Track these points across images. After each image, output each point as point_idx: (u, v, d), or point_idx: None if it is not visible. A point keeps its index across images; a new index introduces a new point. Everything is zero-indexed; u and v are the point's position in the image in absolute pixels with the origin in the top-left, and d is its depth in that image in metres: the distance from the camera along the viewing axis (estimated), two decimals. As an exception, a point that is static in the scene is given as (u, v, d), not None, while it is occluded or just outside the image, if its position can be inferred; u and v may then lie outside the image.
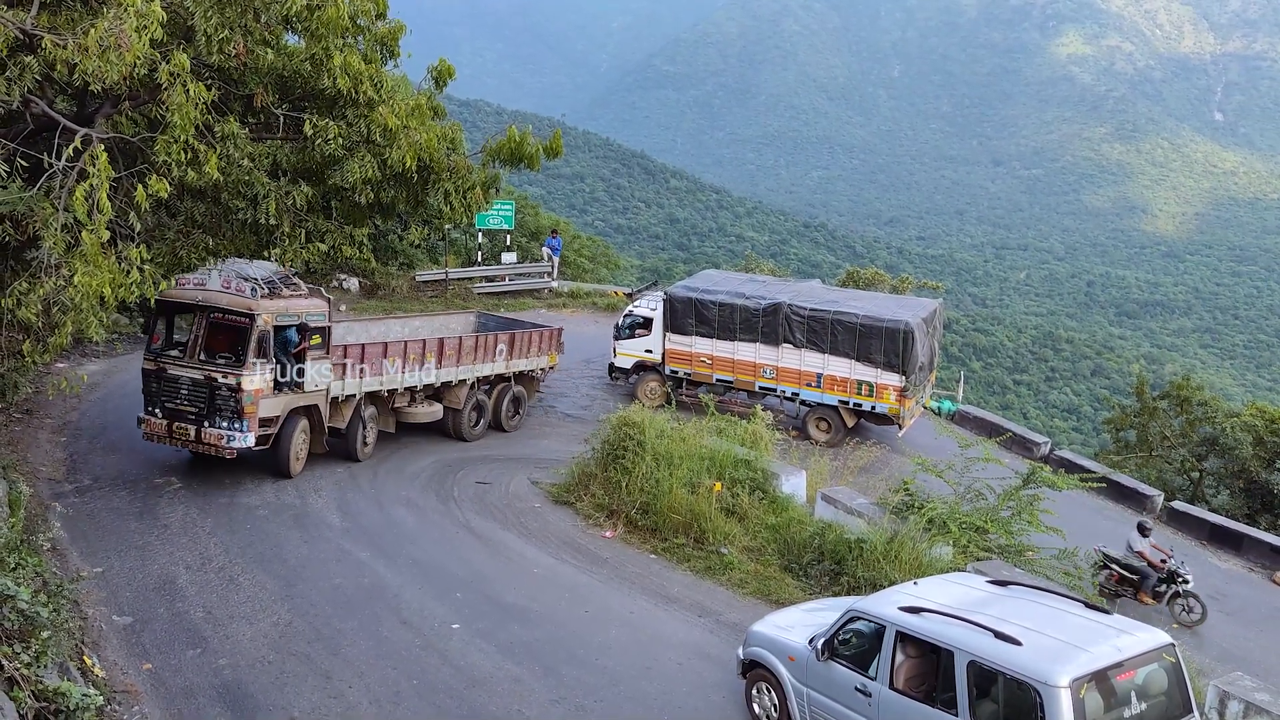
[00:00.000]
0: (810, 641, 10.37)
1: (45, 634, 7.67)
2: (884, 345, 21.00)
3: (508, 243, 34.97)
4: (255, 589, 13.39)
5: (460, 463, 19.18)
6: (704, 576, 14.90)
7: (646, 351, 23.57)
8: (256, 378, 15.89)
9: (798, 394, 22.05)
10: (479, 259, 34.53)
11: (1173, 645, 9.01)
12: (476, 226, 33.11)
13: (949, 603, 9.58)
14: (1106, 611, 9.51)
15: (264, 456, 16.98)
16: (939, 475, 15.89)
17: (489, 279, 33.88)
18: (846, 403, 21.67)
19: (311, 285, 17.91)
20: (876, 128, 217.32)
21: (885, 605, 9.87)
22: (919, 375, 21.61)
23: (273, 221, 14.62)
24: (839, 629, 10.10)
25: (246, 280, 16.22)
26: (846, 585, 14.02)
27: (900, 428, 21.92)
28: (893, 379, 21.12)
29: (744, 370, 22.40)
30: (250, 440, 16.03)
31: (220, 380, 15.82)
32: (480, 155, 16.26)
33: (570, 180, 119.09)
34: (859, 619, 9.96)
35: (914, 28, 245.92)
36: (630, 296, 25.34)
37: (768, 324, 21.92)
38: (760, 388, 22.38)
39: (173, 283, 15.30)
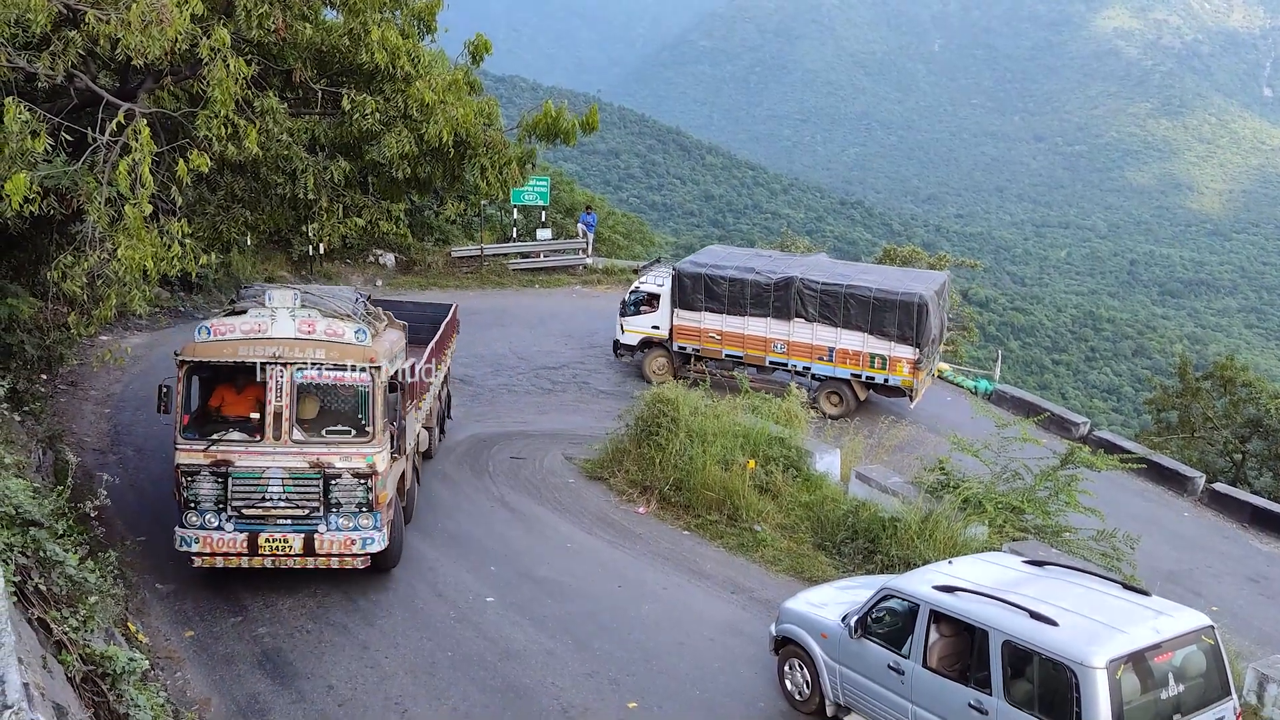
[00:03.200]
0: (843, 619, 10.37)
1: (92, 599, 7.84)
2: (898, 318, 20.96)
3: (543, 219, 34.99)
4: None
5: (495, 438, 19.30)
6: (736, 553, 14.93)
7: (653, 328, 23.29)
8: (386, 452, 12.20)
9: (809, 368, 21.95)
10: (514, 235, 34.60)
11: (1212, 627, 8.91)
12: (512, 203, 33.14)
13: (984, 582, 9.53)
14: (1145, 593, 9.41)
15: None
16: (975, 455, 15.77)
17: (524, 255, 33.95)
18: (859, 376, 21.61)
19: (379, 305, 15.53)
20: (915, 103, 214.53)
21: (919, 584, 9.83)
22: (931, 347, 21.59)
23: (311, 196, 14.71)
24: (872, 607, 10.08)
25: (338, 316, 12.44)
26: (880, 564, 13.98)
27: (912, 400, 21.88)
28: (906, 351, 21.08)
29: (754, 345, 22.27)
30: (385, 538, 12.32)
31: (340, 464, 11.90)
32: (516, 130, 16.27)
33: (605, 156, 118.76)
34: (893, 597, 9.94)
35: (955, 1, 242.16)
36: (636, 273, 24.93)
37: (779, 298, 21.80)
38: (770, 362, 22.28)
39: (204, 334, 11.98)
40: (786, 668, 11.07)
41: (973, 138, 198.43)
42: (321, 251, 30.10)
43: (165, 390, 12.26)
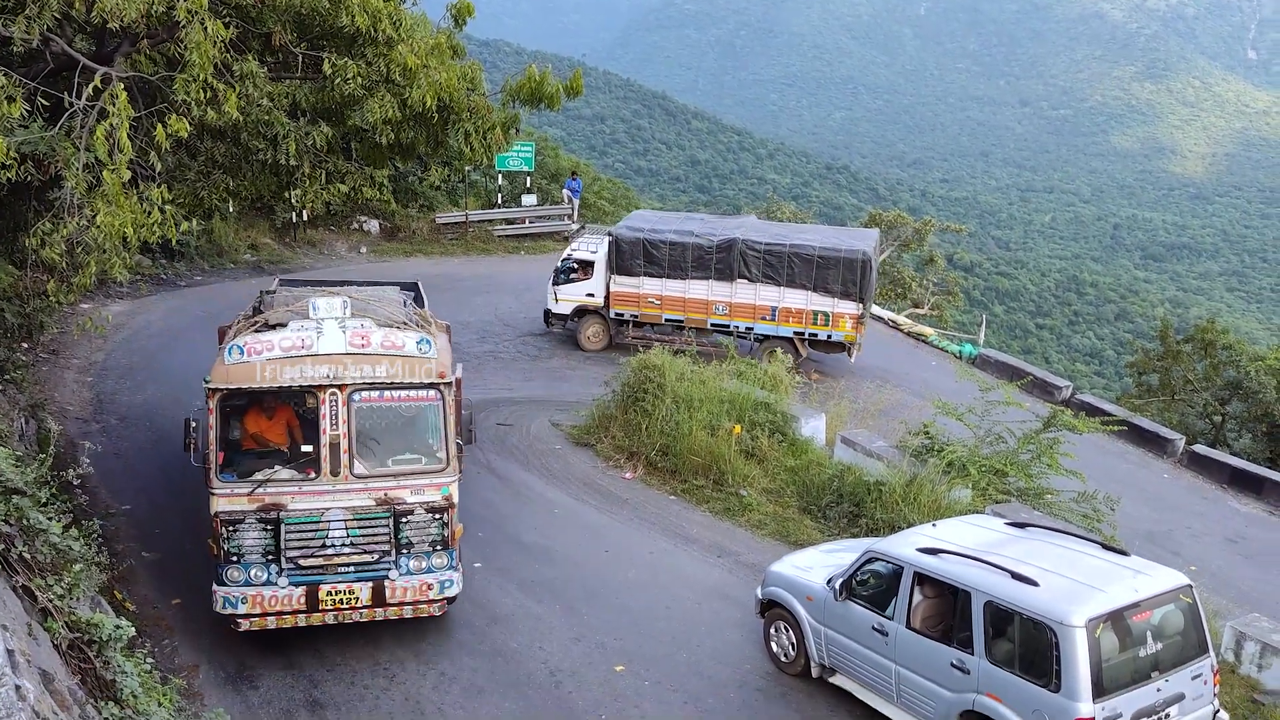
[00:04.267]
0: (828, 582, 10.47)
1: (77, 567, 7.83)
2: (842, 275, 21.19)
3: (528, 185, 34.81)
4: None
5: (481, 404, 19.29)
6: (723, 517, 15.01)
7: (588, 295, 22.88)
8: (459, 480, 10.70)
9: (751, 328, 21.99)
10: (499, 201, 34.41)
11: (1190, 586, 9.04)
12: (497, 168, 32.96)
13: (967, 544, 9.63)
14: (1124, 553, 9.53)
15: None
16: (959, 418, 15.87)
17: (509, 221, 33.79)
18: (801, 334, 21.75)
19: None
20: (901, 68, 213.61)
21: (903, 546, 9.92)
22: (869, 302, 21.86)
23: (293, 162, 14.55)
24: (857, 569, 10.18)
25: (394, 324, 10.86)
26: (865, 527, 14.10)
27: (850, 355, 22.08)
28: (850, 307, 21.33)
29: (695, 309, 22.21)
30: (462, 579, 10.90)
31: (412, 498, 10.33)
32: (500, 95, 16.11)
33: (590, 122, 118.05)
34: (877, 560, 10.03)
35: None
36: (567, 240, 24.59)
37: (721, 260, 21.76)
38: (712, 325, 22.22)
39: (236, 354, 10.03)
40: (772, 630, 11.18)
41: (958, 102, 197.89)
42: (305, 218, 29.91)
43: (194, 426, 10.31)
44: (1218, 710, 9.19)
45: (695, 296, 22.11)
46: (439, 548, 10.44)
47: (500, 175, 34.26)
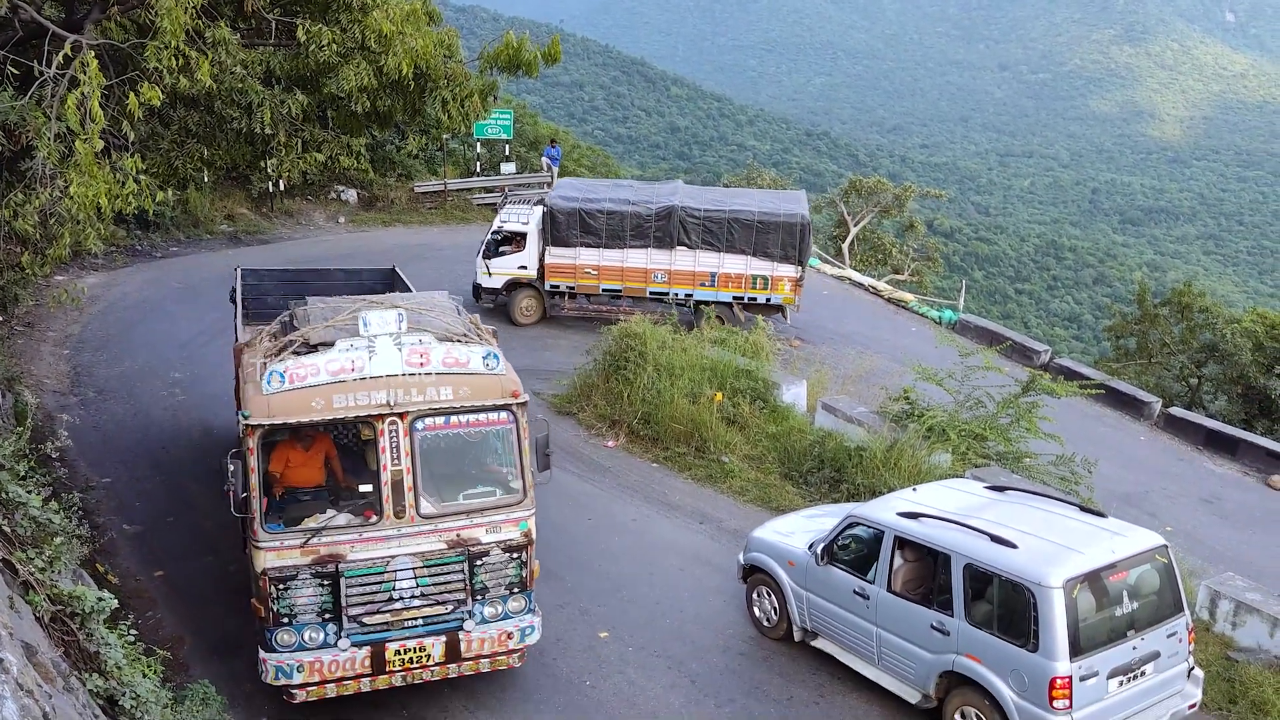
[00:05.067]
0: (810, 547, 10.55)
1: (58, 540, 7.80)
2: (781, 238, 21.21)
3: (506, 153, 34.56)
4: (263, 498, 13.57)
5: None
6: (705, 484, 15.08)
7: (520, 268, 22.17)
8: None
9: (691, 295, 21.82)
10: (478, 169, 34.18)
11: (1165, 547, 9.17)
12: (475, 136, 32.70)
13: (947, 508, 9.72)
14: (1101, 514, 9.65)
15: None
16: (939, 384, 15.96)
17: (488, 190, 33.56)
18: (740, 298, 21.72)
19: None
20: (881, 32, 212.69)
21: (884, 511, 10.01)
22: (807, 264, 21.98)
23: (268, 131, 14.41)
24: (838, 534, 10.26)
25: (453, 338, 9.54)
26: (846, 492, 14.19)
27: (786, 317, 22.21)
28: (789, 270, 21.40)
29: (634, 278, 21.93)
30: (541, 623, 9.73)
31: (488, 537, 9.12)
32: (477, 62, 15.96)
33: (569, 89, 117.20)
34: (858, 524, 10.12)
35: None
36: (496, 210, 23.39)
37: (660, 228, 21.54)
38: (651, 293, 21.95)
39: (277, 381, 8.61)
40: (755, 595, 11.27)
41: (938, 67, 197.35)
42: (281, 188, 29.64)
43: (232, 470, 8.56)
44: (1192, 667, 9.36)
45: (634, 265, 21.81)
46: (516, 590, 9.27)
47: (479, 143, 34.00)
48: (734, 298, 21.72)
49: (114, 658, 6.86)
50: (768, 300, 21.70)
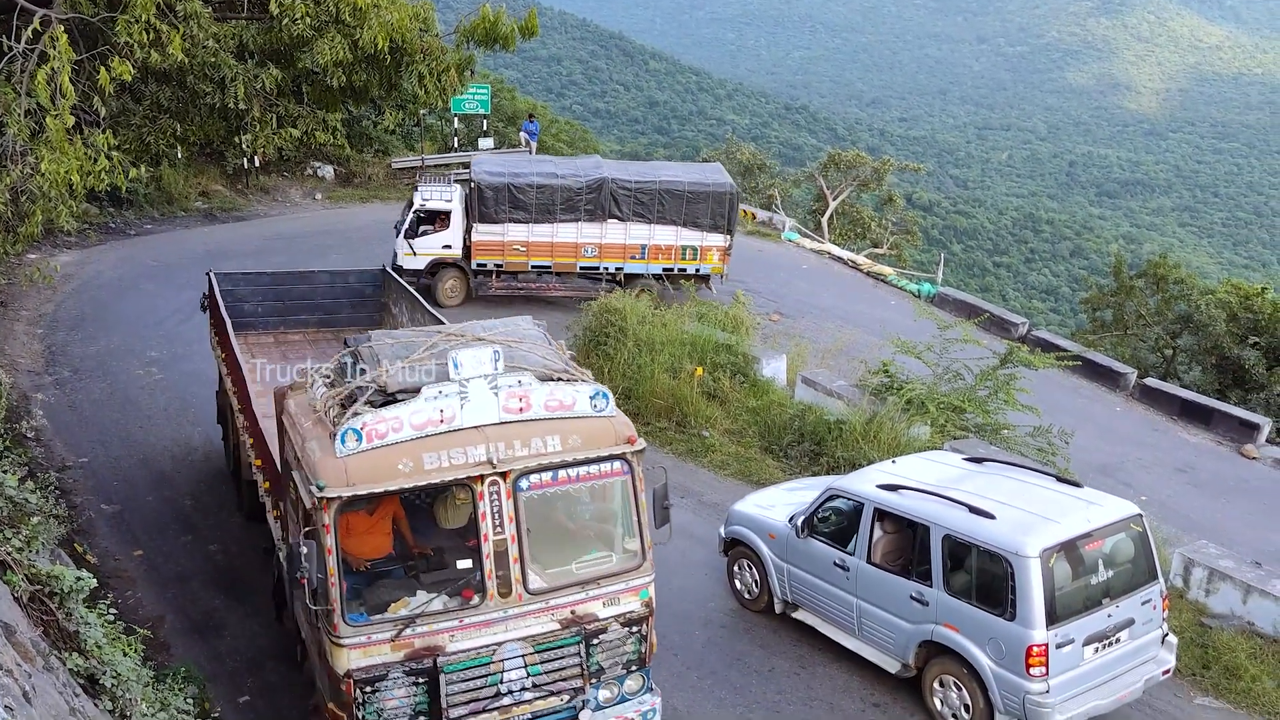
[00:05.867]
0: (790, 520, 10.61)
1: (35, 520, 7.76)
2: (711, 208, 21.18)
3: (484, 128, 34.31)
4: (242, 476, 13.53)
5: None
6: (686, 459, 15.13)
7: (444, 248, 21.18)
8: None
9: (621, 268, 21.60)
10: (455, 145, 33.92)
11: (1140, 515, 9.28)
12: (452, 111, 32.44)
13: (926, 480, 9.80)
14: (1077, 484, 9.75)
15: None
16: (918, 357, 16.04)
17: (466, 165, 33.30)
18: (670, 269, 21.64)
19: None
20: (859, 5, 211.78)
21: (864, 483, 10.08)
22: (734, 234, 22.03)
23: (242, 106, 14.27)
24: (818, 507, 10.33)
25: (552, 376, 7.80)
26: (826, 465, 14.27)
27: (712, 289, 22.07)
28: (718, 240, 21.41)
29: (564, 253, 21.49)
30: (660, 702, 8.25)
31: (605, 612, 7.73)
32: (454, 36, 15.83)
33: (547, 63, 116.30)
34: (838, 497, 10.18)
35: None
36: (415, 189, 22.16)
37: (591, 201, 21.15)
38: (581, 268, 21.62)
39: (353, 441, 7.02)
40: (736, 568, 11.34)
41: (916, 40, 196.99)
42: (257, 164, 29.35)
43: (305, 553, 6.92)
44: (1166, 634, 9.50)
45: (564, 240, 21.33)
46: (634, 668, 7.92)
47: (456, 119, 33.73)
48: (663, 269, 21.60)
49: (94, 637, 6.83)
50: (697, 271, 21.66)
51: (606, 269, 21.57)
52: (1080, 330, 31.05)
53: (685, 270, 21.64)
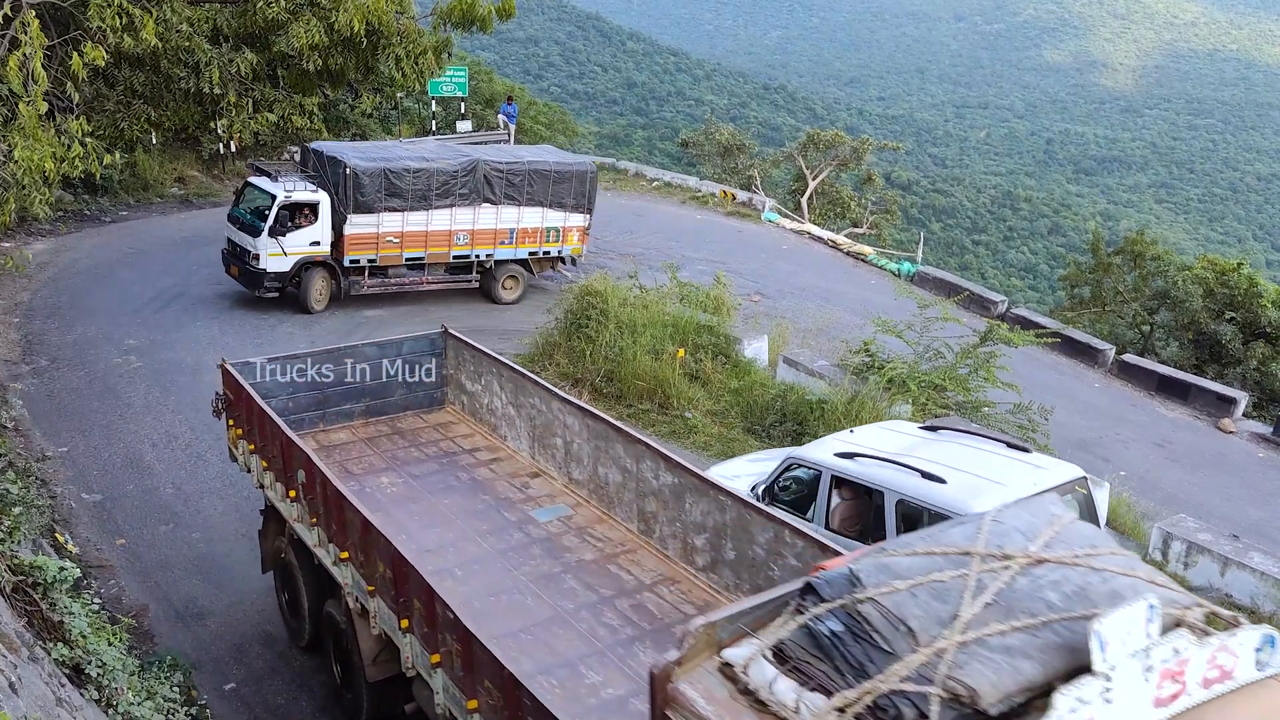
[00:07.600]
0: (752, 489, 10.69)
1: (16, 510, 7.72)
2: (574, 189, 21.20)
3: (462, 111, 34.13)
4: (224, 465, 13.43)
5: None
6: (668, 440, 15.15)
7: (313, 244, 19.05)
8: None
9: (492, 254, 21.08)
10: (433, 128, 33.71)
11: (1085, 478, 9.52)
12: (430, 94, 32.23)
13: (882, 448, 9.92)
14: (1026, 449, 9.92)
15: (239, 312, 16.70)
16: (898, 335, 16.10)
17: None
18: (536, 253, 21.54)
19: None
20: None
21: (822, 452, 10.22)
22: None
23: (217, 90, 14.17)
24: (779, 476, 10.46)
25: (1206, 629, 3.88)
26: (808, 444, 14.34)
27: (573, 265, 22.15)
28: (579, 220, 21.49)
29: (438, 242, 20.27)
30: None
31: None
32: (430, 18, 15.75)
33: (524, 45, 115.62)
34: (798, 466, 10.31)
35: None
36: (273, 177, 19.46)
37: (465, 184, 20.29)
38: (454, 257, 20.74)
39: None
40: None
41: (893, 18, 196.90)
42: (233, 149, 29.08)
43: None
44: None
45: (438, 228, 20.16)
46: None
47: (434, 101, 33.51)
48: (530, 253, 21.43)
49: (78, 627, 6.82)
50: (559, 252, 21.70)
51: (479, 256, 20.94)
52: (1059, 307, 31.22)
53: (549, 253, 21.60)
